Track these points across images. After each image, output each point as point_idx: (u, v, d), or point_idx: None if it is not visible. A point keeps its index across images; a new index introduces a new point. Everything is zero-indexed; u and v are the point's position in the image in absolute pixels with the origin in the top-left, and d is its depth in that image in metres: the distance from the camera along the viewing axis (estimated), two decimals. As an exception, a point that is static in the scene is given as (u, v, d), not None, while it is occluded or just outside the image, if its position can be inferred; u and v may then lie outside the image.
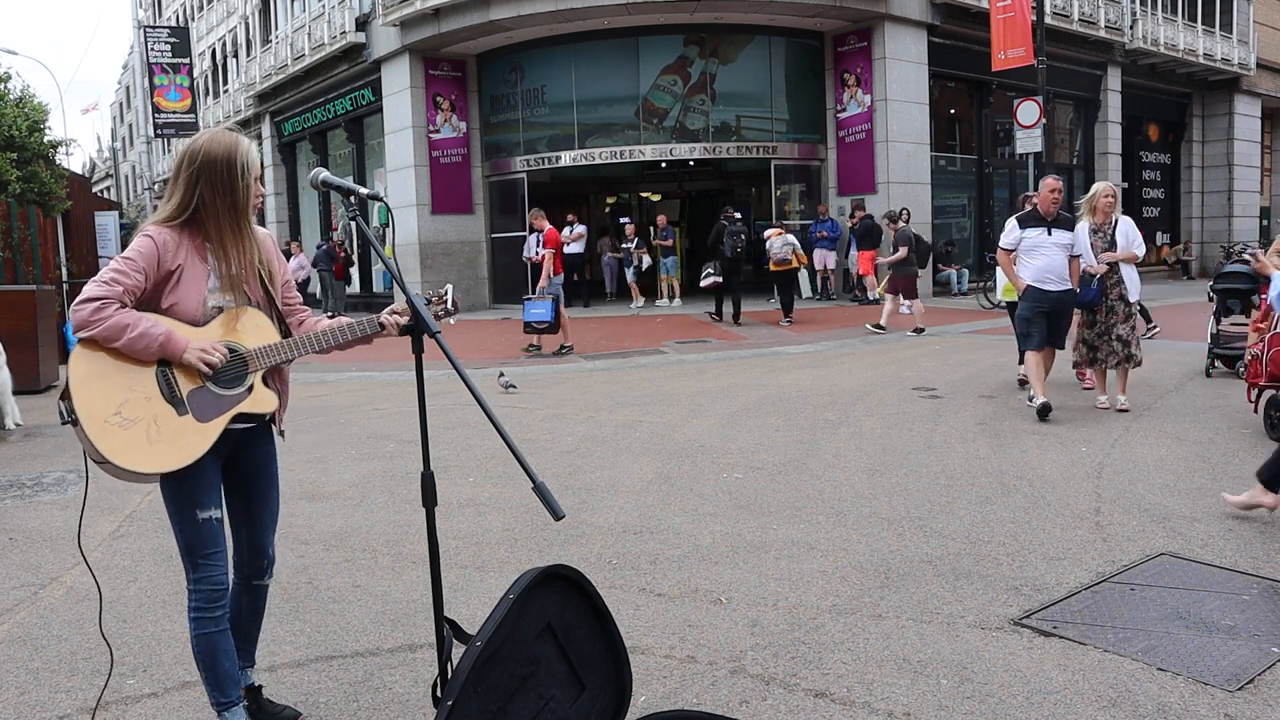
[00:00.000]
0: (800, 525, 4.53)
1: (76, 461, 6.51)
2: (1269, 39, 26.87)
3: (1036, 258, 6.85)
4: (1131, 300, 6.93)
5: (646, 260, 17.89)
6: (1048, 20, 16.75)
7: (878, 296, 16.68)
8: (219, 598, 2.53)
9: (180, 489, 2.48)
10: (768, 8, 16.48)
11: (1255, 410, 6.15)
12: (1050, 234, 6.83)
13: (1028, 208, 7.71)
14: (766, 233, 14.45)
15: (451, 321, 2.74)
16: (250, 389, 2.50)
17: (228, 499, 2.67)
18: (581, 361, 10.91)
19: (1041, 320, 6.82)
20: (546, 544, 4.38)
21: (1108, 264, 6.87)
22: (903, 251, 12.53)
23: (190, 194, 2.46)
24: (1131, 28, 21.72)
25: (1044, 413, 6.61)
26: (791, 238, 14.10)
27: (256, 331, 2.53)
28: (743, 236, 14.15)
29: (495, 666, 2.21)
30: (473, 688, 2.14)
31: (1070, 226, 6.90)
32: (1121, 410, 6.88)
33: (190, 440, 2.40)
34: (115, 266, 2.40)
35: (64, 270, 14.84)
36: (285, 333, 2.64)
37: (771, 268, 14.08)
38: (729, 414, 7.37)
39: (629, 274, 18.23)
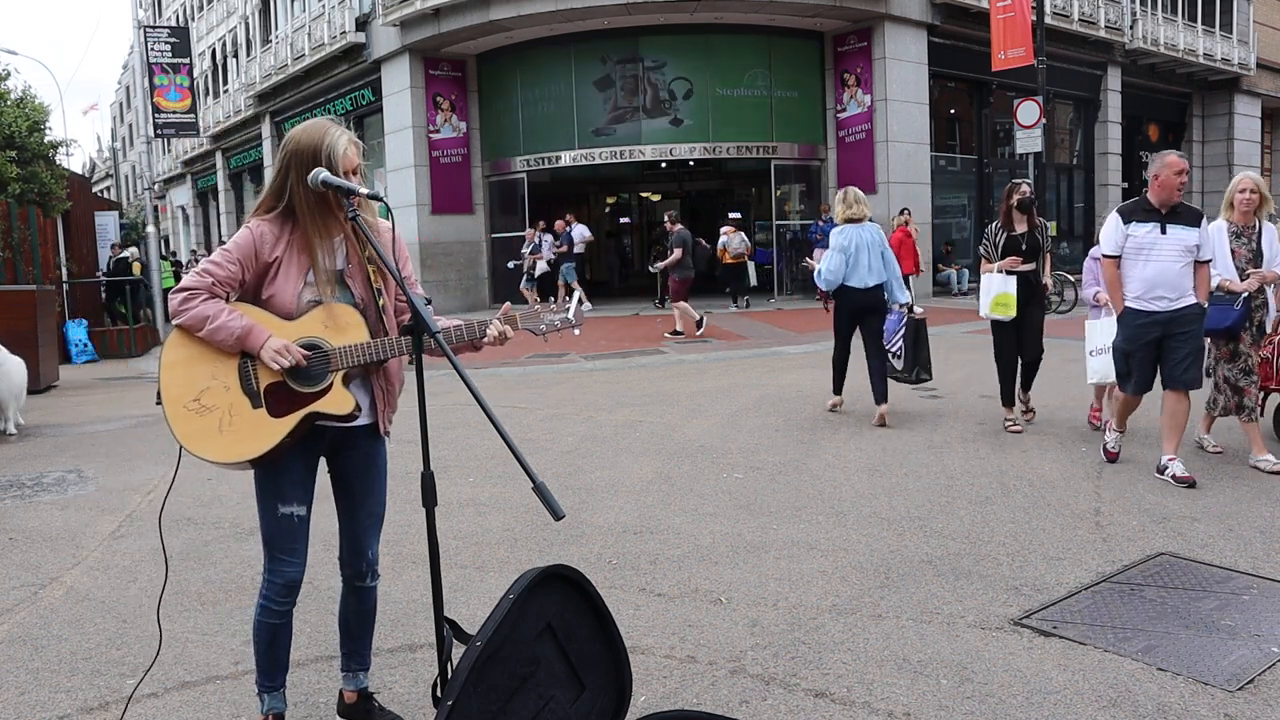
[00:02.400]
0: (800, 525, 4.53)
1: (77, 461, 6.51)
2: (1269, 39, 26.87)
3: (1144, 264, 5.04)
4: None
5: (541, 266, 16.72)
6: (1048, 20, 16.76)
7: None
8: (290, 593, 2.58)
9: (266, 482, 2.53)
10: (768, 8, 16.49)
11: (1261, 414, 6.12)
12: (1165, 231, 5.01)
13: (1016, 199, 6.36)
14: (723, 229, 16.51)
15: (576, 333, 2.65)
16: (328, 388, 2.45)
17: (335, 497, 2.71)
18: (581, 361, 10.91)
19: (1147, 352, 5.05)
20: (546, 544, 4.38)
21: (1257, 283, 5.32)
22: (677, 254, 12.59)
23: (283, 185, 2.46)
24: (1131, 28, 21.72)
25: (1114, 457, 5.27)
26: (743, 234, 16.56)
27: (347, 329, 2.47)
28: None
29: (495, 666, 2.21)
30: (473, 688, 2.14)
31: (1195, 221, 5.06)
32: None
33: (260, 434, 2.41)
34: (212, 258, 2.45)
35: (64, 270, 14.83)
36: (393, 331, 2.57)
37: (728, 260, 16.28)
38: (729, 414, 7.37)
39: (523, 281, 17.13)
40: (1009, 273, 6.28)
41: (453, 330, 2.50)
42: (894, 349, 6.97)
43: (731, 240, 16.27)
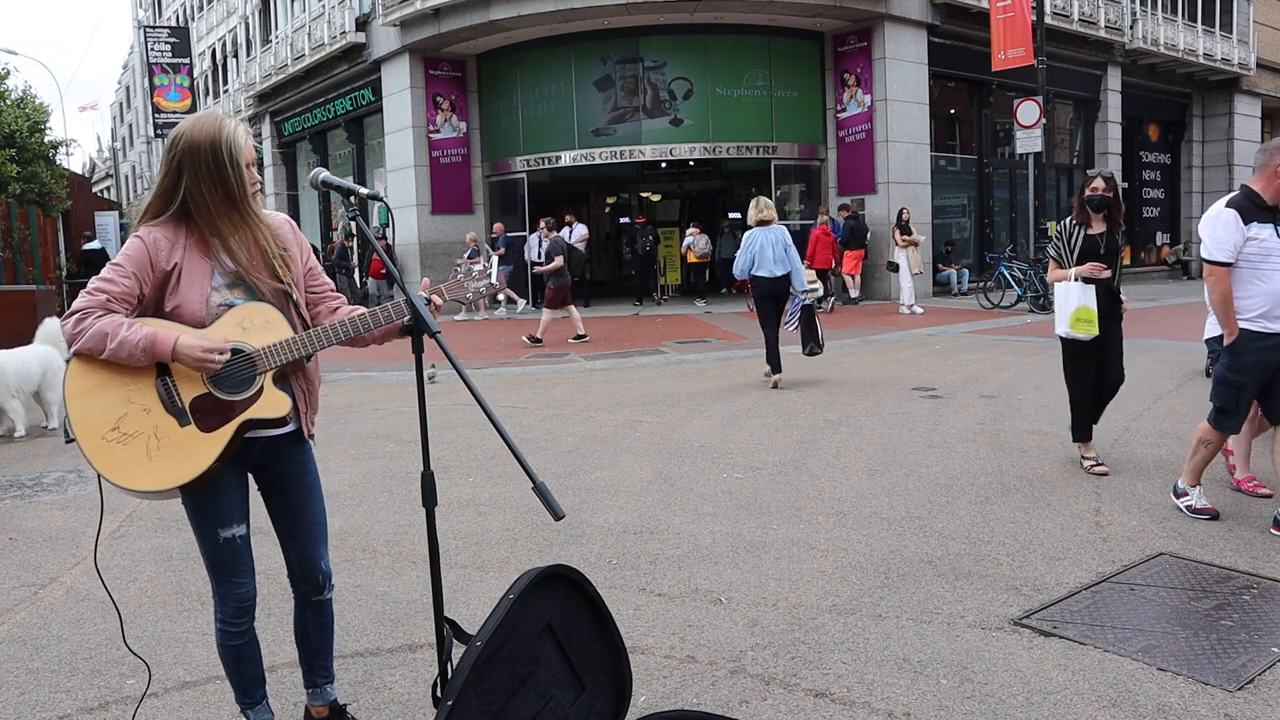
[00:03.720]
0: (800, 525, 4.53)
1: (77, 462, 6.51)
2: (1269, 39, 26.87)
3: (1267, 275, 4.22)
4: None
5: (477, 269, 16.82)
6: (1048, 20, 16.74)
7: (860, 297, 16.77)
8: (245, 611, 2.48)
9: (200, 507, 2.38)
10: (768, 8, 16.48)
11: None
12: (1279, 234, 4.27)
13: (1085, 194, 5.28)
14: (689, 231, 18.19)
15: (501, 299, 2.56)
16: (259, 392, 2.31)
17: (269, 514, 2.58)
18: (581, 361, 10.91)
19: (1259, 385, 4.30)
20: (546, 544, 4.38)
21: None
22: (558, 261, 12.61)
23: (174, 186, 2.29)
24: (1131, 28, 21.71)
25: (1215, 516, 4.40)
26: (707, 237, 18.30)
27: (266, 328, 2.32)
28: (650, 238, 18.97)
29: (495, 666, 2.21)
30: (473, 688, 2.14)
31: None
32: None
33: (194, 453, 2.25)
34: (103, 274, 2.27)
35: (64, 270, 14.84)
36: (308, 325, 2.44)
37: (693, 259, 17.96)
38: (729, 414, 7.37)
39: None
40: (1086, 281, 5.19)
41: (380, 313, 2.39)
42: (791, 328, 8.84)
43: (697, 241, 17.85)
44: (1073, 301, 5.22)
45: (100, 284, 2.25)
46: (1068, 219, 5.43)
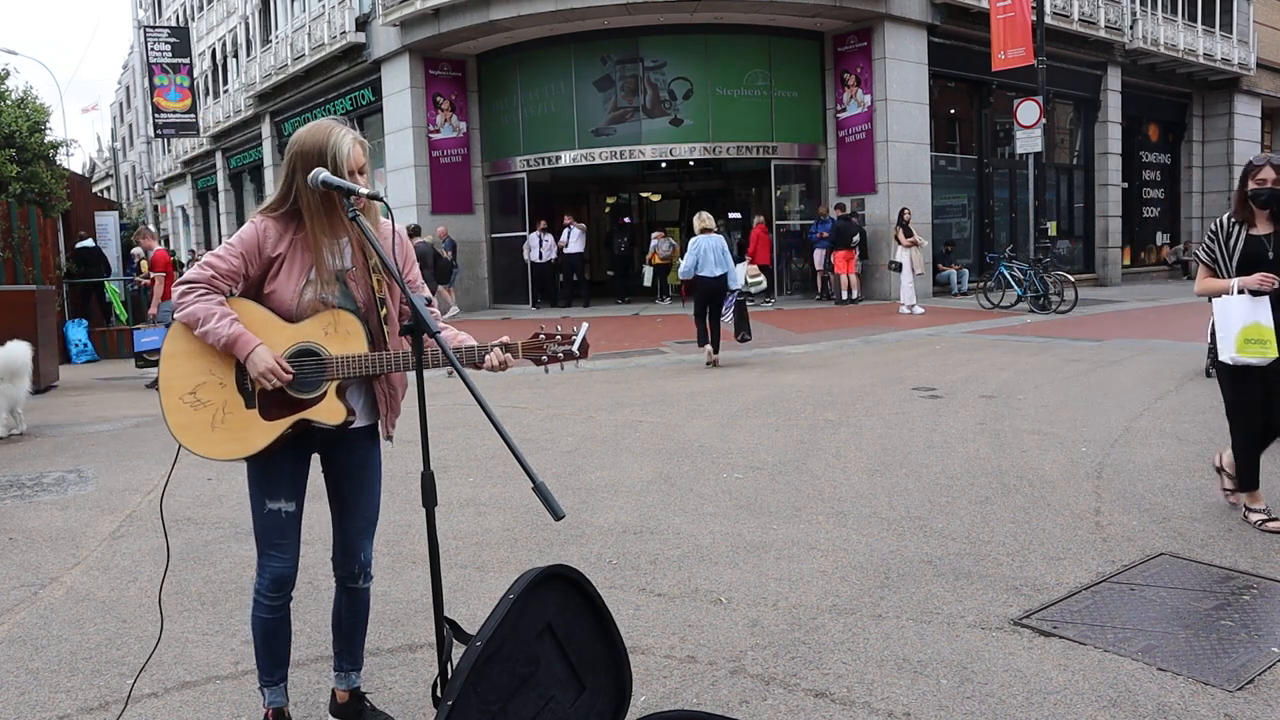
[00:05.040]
0: (800, 525, 4.53)
1: (77, 461, 6.51)
2: (1269, 39, 26.87)
3: None
4: None
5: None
6: (1048, 20, 16.74)
7: (859, 297, 16.76)
8: (281, 587, 2.59)
9: (257, 476, 2.55)
10: (768, 8, 16.48)
11: None
12: None
13: (1251, 188, 4.17)
14: (654, 235, 19.13)
15: (576, 366, 2.66)
16: (322, 397, 2.46)
17: (329, 499, 2.71)
18: (581, 361, 10.90)
19: None
20: (546, 544, 4.38)
21: None
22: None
23: (289, 184, 2.48)
24: (1131, 28, 21.71)
25: None
26: (671, 240, 19.15)
27: (347, 338, 2.46)
28: (626, 238, 21.26)
29: (495, 666, 2.21)
30: (473, 688, 2.14)
31: None
32: None
33: (250, 434, 2.44)
34: (215, 251, 2.48)
35: (63, 270, 14.85)
36: (385, 342, 2.55)
37: (656, 261, 18.72)
38: (729, 414, 7.37)
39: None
40: (1253, 293, 4.16)
41: (448, 356, 2.48)
42: (727, 319, 10.28)
43: (661, 245, 18.72)
44: (1238, 319, 4.21)
45: (212, 259, 2.46)
46: (1224, 216, 4.38)
